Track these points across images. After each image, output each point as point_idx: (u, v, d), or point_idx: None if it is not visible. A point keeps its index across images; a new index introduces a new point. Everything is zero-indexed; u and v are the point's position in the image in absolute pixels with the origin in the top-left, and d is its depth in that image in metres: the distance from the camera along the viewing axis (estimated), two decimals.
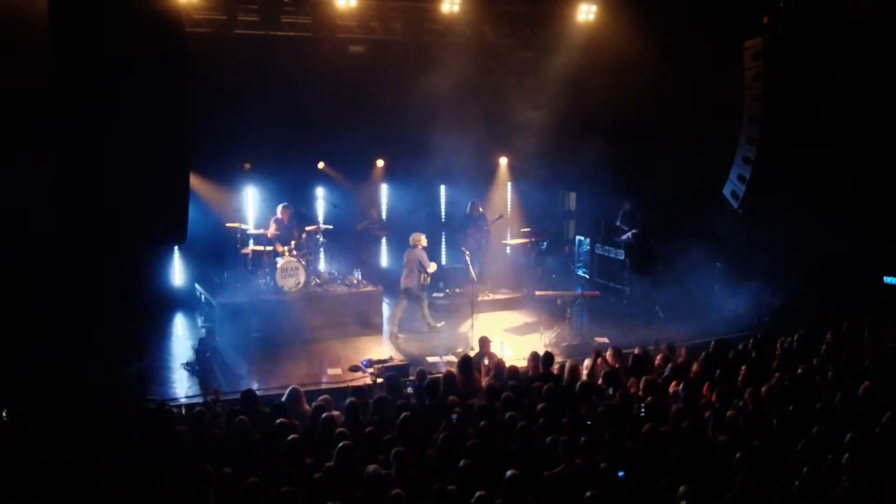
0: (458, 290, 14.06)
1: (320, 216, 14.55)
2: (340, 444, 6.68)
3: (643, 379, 8.74)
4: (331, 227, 13.73)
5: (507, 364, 9.46)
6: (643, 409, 7.67)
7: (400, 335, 12.35)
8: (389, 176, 15.42)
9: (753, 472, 6.34)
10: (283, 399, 8.14)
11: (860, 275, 12.61)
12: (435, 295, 14.06)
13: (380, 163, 15.21)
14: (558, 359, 9.87)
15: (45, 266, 9.88)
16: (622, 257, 14.38)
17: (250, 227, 13.28)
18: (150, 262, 12.69)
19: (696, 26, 13.34)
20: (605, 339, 11.19)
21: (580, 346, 11.33)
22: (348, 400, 7.96)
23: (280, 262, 12.50)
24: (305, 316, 12.22)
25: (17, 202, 9.52)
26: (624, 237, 14.45)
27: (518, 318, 13.51)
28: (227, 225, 13.11)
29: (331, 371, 10.65)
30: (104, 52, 8.91)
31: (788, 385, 8.17)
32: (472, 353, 10.05)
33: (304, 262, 12.68)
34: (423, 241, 12.68)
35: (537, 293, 13.39)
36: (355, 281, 13.38)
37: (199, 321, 12.71)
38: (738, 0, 12.95)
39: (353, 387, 9.11)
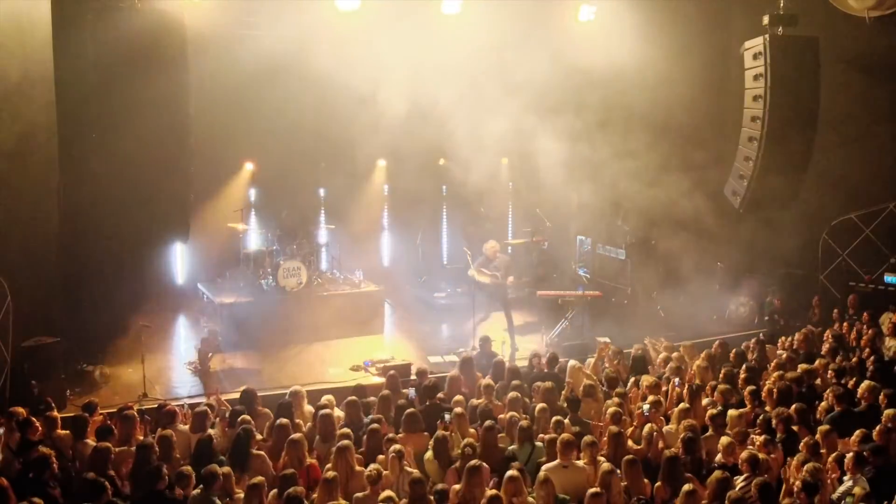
0: (458, 290, 14.07)
1: (322, 216, 14.56)
2: (339, 444, 6.71)
3: (644, 378, 8.77)
4: (333, 226, 13.75)
5: (508, 363, 9.49)
6: (645, 410, 7.68)
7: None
8: (390, 176, 15.45)
9: (754, 472, 6.35)
10: (286, 399, 8.17)
11: (860, 274, 12.63)
12: (436, 294, 14.08)
13: (381, 163, 15.24)
14: (559, 358, 9.86)
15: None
16: (623, 257, 14.39)
17: (252, 227, 13.31)
18: (153, 261, 12.67)
19: (696, 25, 13.37)
20: (606, 339, 11.20)
21: (581, 346, 11.33)
22: (348, 399, 7.98)
23: (282, 261, 12.52)
24: (307, 316, 12.24)
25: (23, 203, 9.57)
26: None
27: (519, 317, 13.51)
28: (229, 225, 13.15)
29: (332, 371, 10.66)
30: (106, 54, 8.93)
31: (788, 385, 8.18)
32: (473, 353, 10.07)
33: (305, 262, 12.71)
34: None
35: (539, 293, 13.40)
36: (357, 281, 13.39)
37: (202, 321, 12.73)
38: (738, 0, 12.98)
39: (353, 386, 9.12)
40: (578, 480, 6.40)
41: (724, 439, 6.95)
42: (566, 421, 7.51)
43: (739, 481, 6.35)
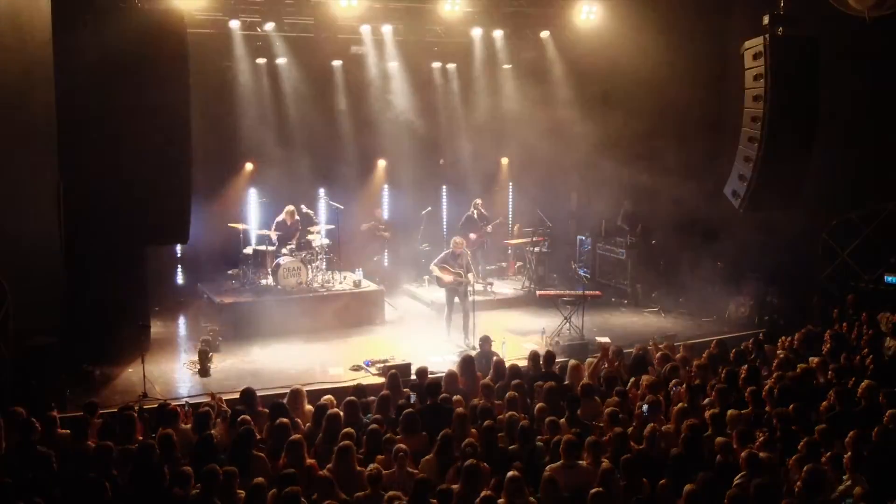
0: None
1: (322, 216, 14.58)
2: (341, 444, 6.71)
3: (644, 378, 8.77)
4: (332, 226, 13.75)
5: (509, 363, 9.48)
6: (645, 409, 7.68)
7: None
8: (391, 176, 15.45)
9: (754, 472, 6.35)
10: (285, 399, 8.15)
11: (860, 274, 12.63)
12: (436, 294, 14.06)
13: (381, 163, 15.24)
14: (559, 358, 9.88)
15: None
16: (623, 257, 14.41)
17: (252, 227, 13.30)
18: (153, 261, 12.66)
19: (697, 26, 13.37)
20: (606, 339, 11.20)
21: (581, 345, 11.33)
22: (347, 399, 7.97)
23: (282, 261, 12.53)
24: (307, 315, 12.24)
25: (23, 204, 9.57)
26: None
27: (519, 317, 13.53)
28: (230, 225, 13.15)
29: (332, 371, 10.66)
30: (106, 54, 8.93)
31: (788, 385, 8.18)
32: (473, 353, 10.07)
33: (306, 262, 12.71)
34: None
35: (539, 293, 13.40)
36: (357, 280, 13.39)
37: (202, 321, 12.73)
38: (738, 0, 12.97)
39: (353, 386, 9.12)
40: (583, 481, 6.39)
41: (723, 439, 6.95)
42: (561, 421, 7.51)
43: (738, 480, 6.35)
